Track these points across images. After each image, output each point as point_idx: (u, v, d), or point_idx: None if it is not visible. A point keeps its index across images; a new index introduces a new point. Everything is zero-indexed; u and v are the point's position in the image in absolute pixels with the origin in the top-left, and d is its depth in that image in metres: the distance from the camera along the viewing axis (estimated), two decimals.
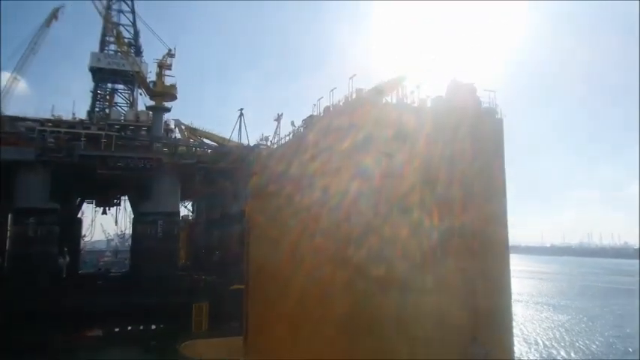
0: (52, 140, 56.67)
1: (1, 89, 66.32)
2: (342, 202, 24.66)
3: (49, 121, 60.70)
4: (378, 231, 23.24)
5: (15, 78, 68.08)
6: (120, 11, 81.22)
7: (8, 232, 59.40)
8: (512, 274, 25.91)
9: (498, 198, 26.74)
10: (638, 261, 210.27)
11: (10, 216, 59.49)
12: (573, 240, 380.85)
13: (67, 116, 63.83)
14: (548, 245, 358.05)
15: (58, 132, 58.13)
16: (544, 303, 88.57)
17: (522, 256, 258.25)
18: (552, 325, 67.19)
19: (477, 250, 24.55)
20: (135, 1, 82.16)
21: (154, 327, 51.32)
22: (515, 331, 46.70)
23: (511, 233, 26.49)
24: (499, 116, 27.27)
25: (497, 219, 26.45)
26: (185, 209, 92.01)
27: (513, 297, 27.28)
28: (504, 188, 26.78)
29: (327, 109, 30.64)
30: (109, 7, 77.26)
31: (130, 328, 50.90)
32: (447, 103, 26.64)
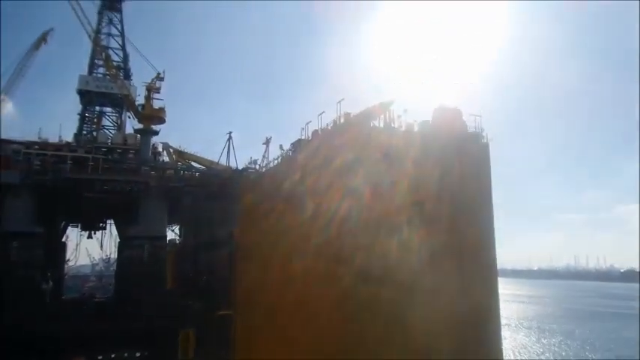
0: (38, 163, 56.09)
1: None
2: (331, 224, 24.68)
3: (35, 143, 60.13)
4: (368, 251, 23.27)
5: (2, 101, 67.68)
6: (109, 35, 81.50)
7: None
8: (501, 297, 25.96)
9: (485, 220, 26.99)
10: (625, 284, 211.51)
11: None
12: (560, 263, 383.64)
13: (53, 139, 63.37)
14: (535, 268, 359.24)
15: (45, 155, 57.59)
16: (533, 327, 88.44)
17: (510, 279, 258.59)
18: (542, 350, 67.00)
19: (466, 270, 24.65)
20: (125, 25, 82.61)
21: (138, 354, 50.09)
22: (506, 356, 46.46)
23: (499, 256, 26.68)
24: (485, 140, 27.73)
25: (485, 241, 26.66)
26: (172, 233, 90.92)
27: (503, 321, 27.29)
28: (491, 211, 27.06)
29: (315, 132, 30.90)
30: (98, 31, 77.69)
31: (113, 355, 49.63)
32: (434, 128, 27.04)
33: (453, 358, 23.35)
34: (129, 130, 75.75)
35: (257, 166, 62.05)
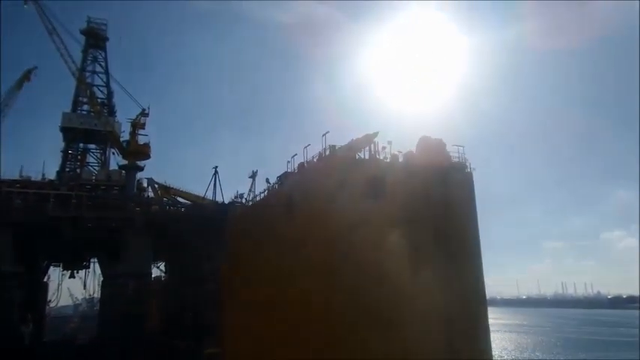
0: (19, 202, 55.20)
1: None
2: (317, 257, 24.49)
3: (16, 182, 59.33)
4: (356, 280, 23.09)
5: None
6: (94, 72, 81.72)
7: None
8: (492, 327, 25.76)
9: (472, 248, 27.04)
10: (613, 311, 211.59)
11: None
12: (548, 290, 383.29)
13: (36, 177, 62.59)
14: (524, 297, 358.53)
15: (26, 193, 56.77)
16: (525, 359, 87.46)
17: (501, 309, 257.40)
18: None
19: (453, 297, 24.53)
20: (109, 62, 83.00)
21: None
22: None
23: (488, 287, 26.65)
24: (468, 170, 28.07)
25: (472, 267, 26.66)
26: (158, 270, 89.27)
27: (496, 353, 27.03)
28: (478, 238, 27.14)
29: (301, 165, 31.01)
30: (82, 69, 77.99)
31: None
32: (418, 159, 27.35)
33: None
34: (113, 166, 75.24)
35: (243, 200, 61.83)
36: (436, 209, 25.70)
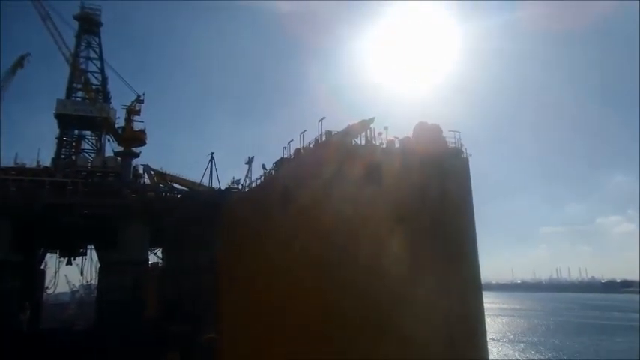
0: (14, 189, 55.01)
1: None
2: (314, 243, 24.56)
3: (11, 169, 59.04)
4: (353, 266, 23.19)
5: None
6: (88, 58, 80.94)
7: None
8: (487, 311, 25.98)
9: (468, 234, 27.14)
10: (606, 295, 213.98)
11: None
12: (543, 275, 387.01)
13: (31, 164, 62.27)
14: (519, 281, 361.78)
15: (21, 181, 56.54)
16: (520, 341, 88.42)
17: (496, 292, 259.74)
18: None
19: (450, 281, 24.68)
20: (103, 47, 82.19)
21: None
22: None
23: (484, 270, 26.80)
24: (464, 156, 28.06)
25: (469, 253, 26.80)
26: (155, 256, 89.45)
27: (490, 336, 27.29)
28: (473, 225, 27.25)
29: (297, 151, 30.94)
30: (76, 54, 77.21)
31: None
32: (414, 144, 27.30)
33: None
34: (109, 153, 75.00)
35: (240, 187, 61.75)
36: (432, 197, 25.74)
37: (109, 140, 77.19)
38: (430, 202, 25.45)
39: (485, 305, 25.49)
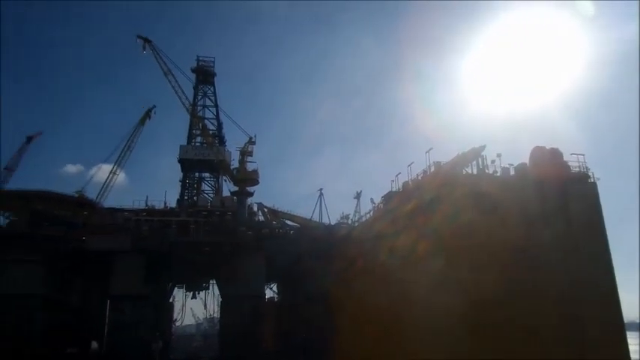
0: (146, 229, 60.59)
1: (97, 182, 72.87)
2: (430, 275, 23.82)
3: (143, 210, 65.17)
4: (472, 302, 22.08)
5: (114, 173, 74.70)
6: (204, 106, 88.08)
7: (107, 319, 62.51)
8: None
9: (603, 266, 24.57)
10: None
11: (108, 303, 62.88)
12: None
13: (159, 205, 68.31)
14: None
15: (152, 220, 62.16)
16: None
17: None
18: None
19: (587, 324, 22.40)
20: (217, 95, 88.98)
21: None
22: None
23: (627, 306, 24.00)
24: (592, 180, 25.75)
25: (606, 289, 24.20)
26: (270, 291, 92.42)
27: None
28: (609, 256, 24.64)
29: (405, 184, 30.62)
30: (194, 104, 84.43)
31: None
32: (532, 170, 25.71)
33: None
34: (226, 192, 79.94)
35: (349, 221, 62.32)
36: (556, 225, 23.84)
37: (225, 181, 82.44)
38: (556, 231, 23.55)
39: (632, 348, 22.61)
